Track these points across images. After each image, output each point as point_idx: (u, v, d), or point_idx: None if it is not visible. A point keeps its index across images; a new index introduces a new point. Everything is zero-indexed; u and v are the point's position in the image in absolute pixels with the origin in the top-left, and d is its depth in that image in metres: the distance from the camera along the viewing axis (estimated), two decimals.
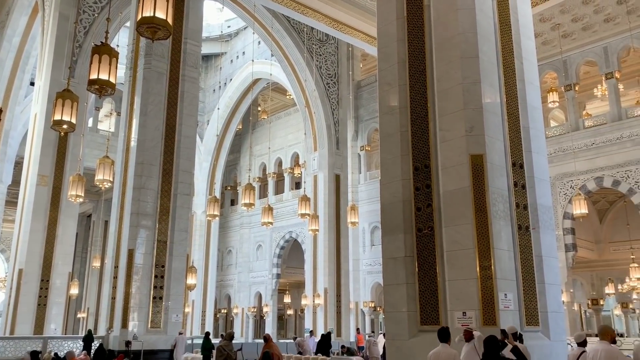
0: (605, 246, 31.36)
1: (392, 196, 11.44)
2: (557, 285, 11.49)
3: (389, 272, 11.30)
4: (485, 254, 9.87)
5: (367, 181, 32.48)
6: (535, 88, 12.07)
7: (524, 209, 10.91)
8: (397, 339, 10.70)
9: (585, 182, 25.45)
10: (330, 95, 30.26)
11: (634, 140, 24.28)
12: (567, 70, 27.50)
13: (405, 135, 11.42)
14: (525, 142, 11.23)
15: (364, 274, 31.90)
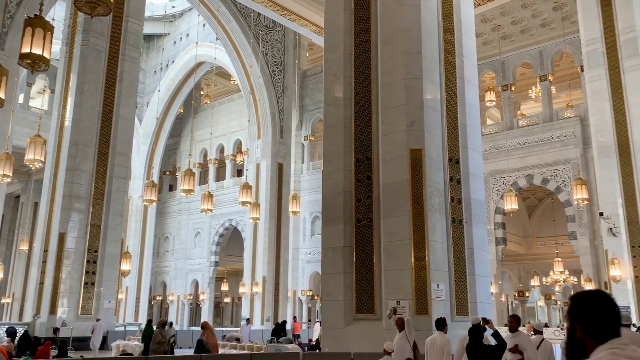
0: (533, 241, 33.01)
1: (334, 187, 11.58)
2: (486, 277, 12.04)
3: (328, 261, 11.46)
4: (420, 245, 10.19)
5: (310, 171, 32.59)
6: (474, 87, 12.50)
7: (459, 203, 11.32)
8: (333, 326, 10.88)
9: (516, 179, 26.63)
10: (276, 83, 30.09)
11: (563, 141, 25.60)
12: (504, 70, 28.58)
13: (348, 127, 11.56)
14: (462, 139, 11.63)
15: (303, 263, 32.10)
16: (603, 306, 1.94)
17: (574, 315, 1.95)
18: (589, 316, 1.94)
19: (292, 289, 31.23)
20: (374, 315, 10.33)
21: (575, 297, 2.00)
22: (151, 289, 37.64)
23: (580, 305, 1.97)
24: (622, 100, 20.34)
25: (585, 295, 2.00)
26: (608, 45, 20.86)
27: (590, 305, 1.95)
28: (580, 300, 1.98)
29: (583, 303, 1.97)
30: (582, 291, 2.03)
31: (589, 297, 1.99)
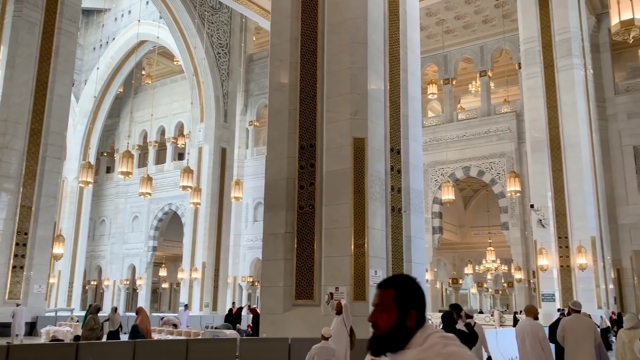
0: (467, 230, 34.27)
1: (277, 173, 11.56)
2: (422, 264, 12.41)
3: (269, 247, 11.47)
4: (360, 233, 10.36)
5: (254, 157, 32.34)
6: (417, 79, 12.76)
7: (398, 192, 11.58)
8: (272, 312, 10.93)
9: (454, 171, 27.50)
10: (221, 66, 29.53)
11: (499, 135, 26.61)
12: (447, 64, 29.31)
13: (293, 113, 11.54)
14: (404, 130, 11.87)
15: (245, 249, 31.95)
16: (423, 291, 1.89)
17: (408, 301, 1.84)
18: (423, 302, 1.87)
19: (233, 275, 31.06)
20: (313, 301, 10.45)
21: (406, 282, 1.89)
22: (85, 274, 36.42)
23: (416, 290, 1.87)
24: (555, 98, 21.34)
25: (412, 280, 1.90)
26: (544, 45, 21.78)
27: (421, 290, 1.88)
28: (413, 285, 1.88)
29: (417, 288, 1.87)
30: (402, 275, 1.96)
31: (415, 282, 1.89)
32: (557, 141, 20.99)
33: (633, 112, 24.13)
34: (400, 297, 1.84)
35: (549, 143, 21.15)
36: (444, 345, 1.75)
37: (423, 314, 1.84)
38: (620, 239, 23.65)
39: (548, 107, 21.32)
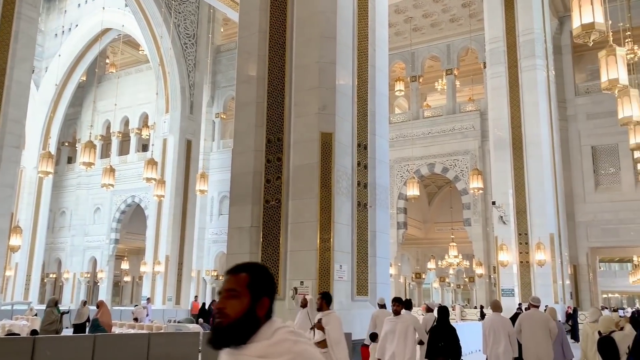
0: (431, 226, 34.82)
1: (243, 166, 11.48)
2: (386, 259, 12.56)
3: (234, 241, 11.39)
4: (326, 228, 10.40)
5: (220, 149, 32.03)
6: (385, 75, 12.85)
7: (365, 187, 11.66)
8: None
9: (419, 167, 27.87)
10: (187, 56, 29.07)
11: (463, 133, 27.09)
12: (414, 62, 29.63)
13: (261, 106, 11.47)
14: (371, 126, 11.95)
15: (209, 242, 31.66)
16: (274, 280, 1.78)
17: (262, 287, 1.71)
18: (274, 291, 1.75)
19: (197, 268, 30.75)
20: (278, 296, 10.44)
21: (259, 267, 1.76)
22: (44, 266, 35.43)
23: (269, 277, 1.75)
24: (518, 98, 21.85)
25: (265, 267, 1.79)
26: (509, 45, 22.25)
27: (273, 279, 1.75)
28: (267, 272, 1.76)
29: (270, 275, 1.75)
30: (253, 262, 1.80)
31: (268, 270, 1.78)
32: (519, 140, 21.51)
33: (592, 113, 24.91)
34: (254, 282, 1.70)
35: (511, 142, 21.66)
36: (294, 342, 1.63)
37: (273, 305, 1.72)
38: (577, 236, 24.44)
39: (511, 106, 21.82)
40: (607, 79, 9.93)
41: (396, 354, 6.90)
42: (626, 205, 23.69)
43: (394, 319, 7.17)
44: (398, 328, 7.03)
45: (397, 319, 7.16)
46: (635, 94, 11.63)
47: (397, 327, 7.02)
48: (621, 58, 10.04)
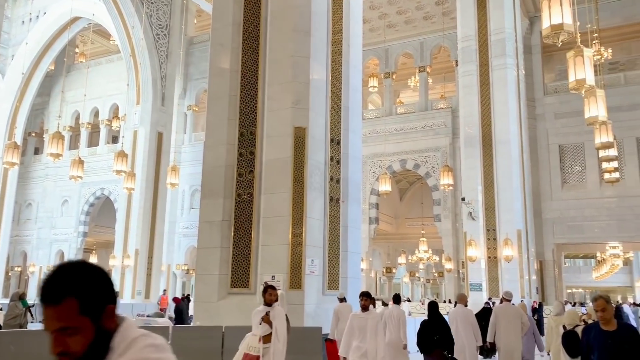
0: (402, 221, 35.18)
1: (215, 160, 11.39)
2: (358, 254, 12.64)
3: (205, 235, 11.32)
4: (298, 222, 10.41)
5: (192, 142, 31.70)
6: (359, 71, 12.90)
7: (337, 182, 11.70)
8: (206, 300, 10.82)
9: (391, 163, 28.10)
10: (160, 47, 28.61)
11: (435, 130, 27.40)
12: (388, 58, 29.79)
13: (234, 99, 11.39)
14: (345, 121, 11.98)
15: (180, 236, 31.35)
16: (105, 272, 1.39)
17: (99, 300, 1.32)
18: (112, 286, 1.38)
19: (167, 262, 30.43)
20: (249, 290, 10.43)
21: (81, 282, 1.31)
22: (9, 259, 34.54)
23: (98, 279, 1.34)
24: (488, 96, 22.19)
25: (83, 265, 1.36)
26: (480, 44, 22.56)
27: (101, 272, 1.38)
28: (91, 276, 1.34)
29: (96, 273, 1.35)
30: (68, 266, 1.35)
31: (88, 266, 1.36)
32: (489, 138, 21.87)
33: (560, 113, 25.48)
34: (87, 302, 1.30)
35: (481, 139, 22.00)
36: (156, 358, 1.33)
37: (116, 301, 1.37)
38: (543, 232, 25.02)
39: (482, 104, 22.16)
40: (575, 79, 10.16)
41: (368, 353, 6.44)
42: (591, 203, 24.35)
43: (363, 315, 6.73)
44: (368, 324, 6.58)
45: (366, 315, 6.75)
46: (601, 94, 11.94)
47: (367, 323, 6.59)
48: (588, 59, 10.29)
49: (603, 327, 4.11)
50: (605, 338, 4.04)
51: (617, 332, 4.06)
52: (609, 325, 4.09)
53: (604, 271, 43.13)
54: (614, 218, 24.01)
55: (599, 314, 4.09)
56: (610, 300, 4.22)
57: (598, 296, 4.15)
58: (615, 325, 4.12)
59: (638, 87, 24.57)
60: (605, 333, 4.06)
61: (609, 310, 4.07)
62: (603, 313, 4.05)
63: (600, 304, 4.07)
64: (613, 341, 4.00)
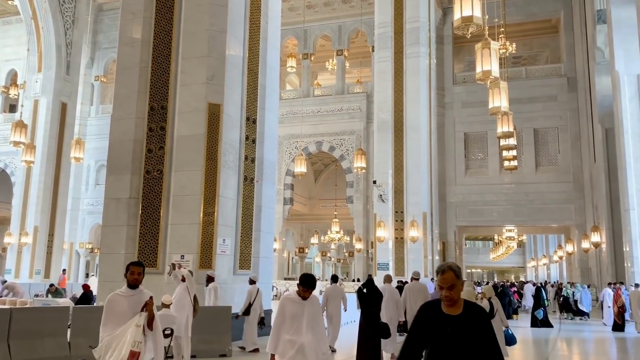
0: (316, 202, 35.63)
1: (123, 134, 10.90)
2: (271, 234, 12.67)
3: (110, 213, 10.85)
4: (210, 201, 10.24)
5: (99, 115, 30.08)
6: (276, 50, 12.78)
7: (252, 162, 11.61)
8: (111, 280, 10.40)
9: (307, 145, 28.28)
10: (65, 12, 26.68)
11: (350, 113, 27.84)
12: (306, 39, 29.76)
13: (144, 71, 10.91)
14: (261, 100, 11.87)
15: (84, 213, 29.82)
16: None
17: None
18: None
19: (70, 241, 28.88)
20: (157, 269, 10.15)
21: None
22: None
23: None
24: (402, 83, 22.86)
25: None
26: (396, 31, 23.12)
27: None
28: None
29: None
30: None
31: None
32: (401, 123, 22.61)
33: (466, 102, 26.78)
34: None
35: (393, 124, 22.69)
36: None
37: None
38: (447, 215, 26.38)
39: (395, 90, 22.80)
40: (482, 70, 10.70)
41: (305, 346, 4.96)
42: (491, 189, 25.97)
43: (301, 301, 5.04)
44: (306, 313, 5.06)
45: (304, 301, 5.09)
46: (504, 86, 12.66)
47: (304, 311, 5.04)
48: (495, 52, 10.87)
49: (445, 309, 2.90)
50: (444, 324, 2.86)
51: (462, 316, 2.88)
52: (453, 307, 2.90)
53: (500, 252, 46.38)
54: (511, 203, 25.78)
55: (444, 292, 2.89)
56: (461, 275, 3.00)
57: (447, 267, 2.91)
58: (462, 306, 2.92)
59: (537, 81, 26.34)
60: (447, 318, 2.87)
61: (457, 289, 2.88)
62: (450, 292, 2.86)
63: (449, 278, 2.86)
64: (454, 329, 2.84)
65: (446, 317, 2.87)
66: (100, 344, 4.56)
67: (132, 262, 4.87)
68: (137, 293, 4.68)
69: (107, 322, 4.59)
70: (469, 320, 2.87)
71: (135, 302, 4.66)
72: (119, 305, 4.63)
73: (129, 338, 4.54)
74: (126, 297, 4.67)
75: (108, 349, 4.55)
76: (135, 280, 4.66)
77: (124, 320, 4.58)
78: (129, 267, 4.68)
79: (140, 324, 4.58)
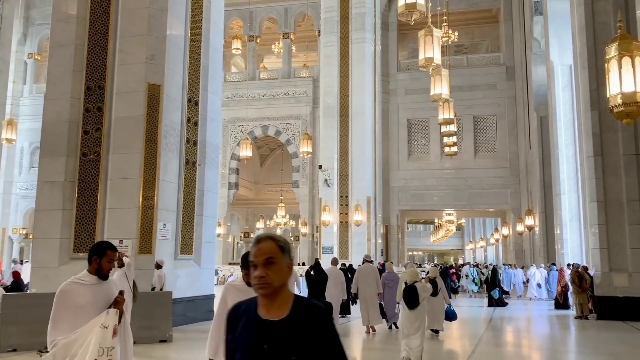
0: (262, 187, 35.46)
1: (58, 115, 10.44)
2: (214, 218, 12.53)
3: (44, 196, 10.40)
4: (150, 185, 9.99)
5: (33, 95, 28.65)
6: (220, 30, 12.53)
7: (194, 145, 11.40)
8: (46, 266, 10.02)
9: (253, 129, 28.02)
10: None
11: (297, 98, 27.76)
12: (252, 21, 29.32)
13: (80, 49, 10.45)
14: (204, 81, 11.63)
15: (18, 197, 28.44)
16: None
17: None
18: None
19: (2, 226, 27.54)
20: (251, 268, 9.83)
21: None
22: None
23: None
24: (347, 68, 22.98)
25: None
26: (342, 16, 23.16)
27: None
28: None
29: None
30: None
31: None
32: (346, 109, 22.77)
33: (410, 89, 27.24)
34: None
35: (338, 110, 22.83)
36: None
37: None
38: (390, 199, 26.90)
39: (341, 76, 22.91)
40: (424, 57, 10.88)
41: None
42: (432, 174, 26.66)
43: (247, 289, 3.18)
44: None
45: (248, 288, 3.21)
46: (445, 74, 12.94)
47: None
48: (437, 39, 11.06)
49: (263, 311, 1.78)
50: (259, 336, 1.75)
51: (288, 322, 1.74)
52: (274, 307, 1.78)
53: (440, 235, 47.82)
54: (450, 188, 26.57)
55: (257, 271, 1.75)
56: (289, 249, 1.83)
57: (266, 236, 1.82)
58: (289, 306, 1.78)
59: (478, 70, 27.10)
60: (264, 326, 1.75)
61: (280, 270, 1.77)
62: (267, 271, 1.74)
63: (267, 248, 1.77)
64: (275, 344, 1.72)
65: (263, 325, 1.74)
66: (52, 350, 3.29)
67: (106, 244, 3.62)
68: (103, 283, 3.52)
69: (59, 319, 3.30)
70: (298, 327, 1.73)
71: (102, 295, 3.48)
72: (78, 297, 3.35)
73: (94, 343, 3.29)
74: (89, 287, 3.44)
75: (64, 357, 3.29)
76: (110, 270, 3.55)
77: (83, 317, 3.35)
78: (105, 250, 3.51)
79: (108, 324, 3.36)
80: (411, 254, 52.26)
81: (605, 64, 6.84)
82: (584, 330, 11.92)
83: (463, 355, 9.00)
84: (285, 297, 1.80)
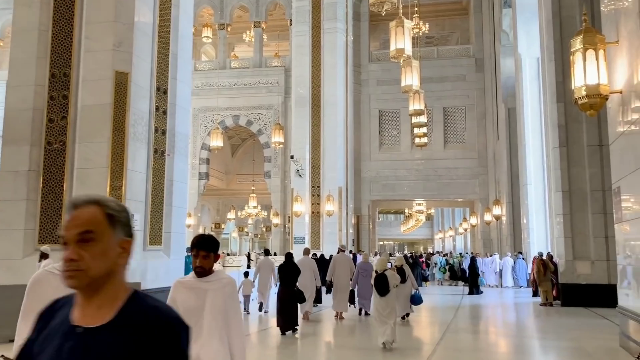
0: (233, 177, 35.23)
1: (21, 102, 10.13)
2: (183, 209, 12.39)
3: (7, 186, 10.10)
4: (117, 174, 9.81)
5: None
6: (189, 17, 12.33)
7: (163, 134, 11.21)
8: (9, 258, 9.76)
9: (224, 118, 27.75)
10: None
11: (268, 87, 27.58)
12: (223, 9, 28.94)
13: (44, 35, 10.15)
14: (172, 69, 11.43)
15: None
16: None
17: None
18: None
19: None
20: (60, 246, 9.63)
21: None
22: None
23: None
24: (319, 58, 22.93)
25: None
26: (314, 5, 23.07)
27: None
28: None
29: None
30: None
31: None
32: (318, 99, 22.76)
33: (381, 80, 27.36)
34: None
35: (310, 100, 22.80)
36: None
37: None
38: (361, 189, 27.07)
39: (312, 66, 22.86)
40: (395, 48, 10.95)
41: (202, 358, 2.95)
42: (403, 164, 26.91)
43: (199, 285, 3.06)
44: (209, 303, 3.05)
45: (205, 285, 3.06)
46: (416, 65, 13.04)
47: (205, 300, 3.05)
48: (408, 30, 11.13)
49: (77, 314, 1.26)
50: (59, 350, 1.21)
51: (109, 332, 1.20)
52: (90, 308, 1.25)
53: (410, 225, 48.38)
54: (420, 178, 26.88)
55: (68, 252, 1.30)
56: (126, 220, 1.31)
57: (84, 199, 1.30)
58: (115, 308, 1.24)
59: (448, 61, 27.38)
60: (71, 334, 1.22)
61: (105, 246, 1.28)
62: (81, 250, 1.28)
63: (84, 217, 1.29)
64: None
65: (69, 334, 1.24)
66: None
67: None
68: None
69: (30, 312, 2.53)
70: (121, 343, 1.20)
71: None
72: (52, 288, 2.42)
73: None
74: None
75: None
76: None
77: None
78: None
79: None
80: (382, 244, 52.76)
81: (571, 56, 6.99)
82: (548, 316, 12.27)
83: (432, 341, 9.17)
84: (111, 293, 1.24)
